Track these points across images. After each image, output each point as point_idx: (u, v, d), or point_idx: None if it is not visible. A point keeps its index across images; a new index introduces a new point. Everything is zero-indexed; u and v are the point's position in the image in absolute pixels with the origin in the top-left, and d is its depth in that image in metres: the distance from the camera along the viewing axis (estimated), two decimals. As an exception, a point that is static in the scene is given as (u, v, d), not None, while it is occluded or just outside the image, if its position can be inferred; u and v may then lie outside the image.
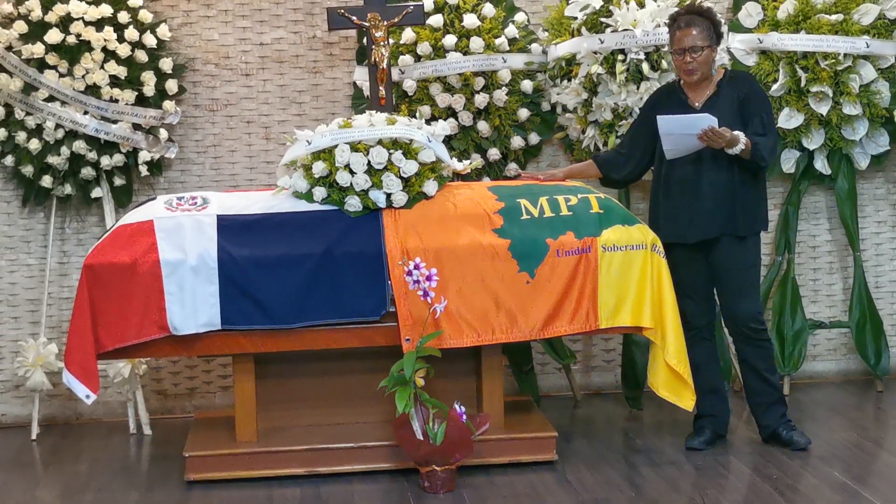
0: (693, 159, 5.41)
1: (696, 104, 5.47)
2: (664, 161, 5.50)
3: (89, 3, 6.19)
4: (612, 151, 5.85)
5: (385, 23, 6.06)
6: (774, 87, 6.32)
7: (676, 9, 6.09)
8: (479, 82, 6.37)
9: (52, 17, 6.14)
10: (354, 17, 6.08)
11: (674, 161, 5.43)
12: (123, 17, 6.21)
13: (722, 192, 5.43)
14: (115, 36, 6.18)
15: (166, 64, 6.31)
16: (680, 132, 5.31)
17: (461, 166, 5.76)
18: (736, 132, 5.28)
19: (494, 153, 6.47)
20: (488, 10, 6.41)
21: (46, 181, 6.27)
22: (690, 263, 5.54)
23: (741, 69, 6.34)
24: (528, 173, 6.09)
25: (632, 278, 5.36)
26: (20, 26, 6.16)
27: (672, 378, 5.41)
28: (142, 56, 6.25)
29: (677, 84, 5.60)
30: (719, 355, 5.88)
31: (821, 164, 6.52)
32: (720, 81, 5.50)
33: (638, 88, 6.14)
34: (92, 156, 6.24)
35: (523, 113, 6.47)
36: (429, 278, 5.12)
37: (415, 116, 6.19)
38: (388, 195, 5.39)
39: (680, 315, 5.52)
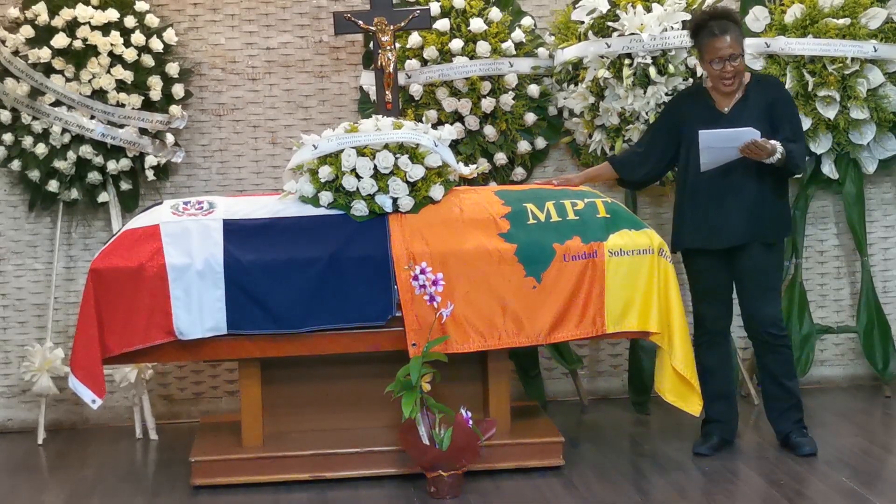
0: (721, 167, 5.36)
1: (725, 109, 5.43)
2: (689, 167, 5.45)
3: (96, 8, 6.20)
4: (628, 151, 5.81)
5: (391, 27, 6.05)
6: (782, 91, 6.31)
7: (685, 13, 6.09)
8: (486, 86, 6.37)
9: (58, 21, 6.15)
10: (361, 22, 6.08)
11: (699, 167, 5.38)
12: (130, 21, 6.22)
13: (750, 199, 5.38)
14: (121, 40, 6.19)
15: (173, 68, 6.32)
16: (721, 146, 5.26)
17: (468, 171, 5.75)
18: (773, 142, 5.24)
19: (501, 157, 6.46)
20: (495, 14, 6.40)
21: (53, 186, 6.28)
22: (712, 270, 5.51)
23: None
24: (544, 180, 6.04)
25: (639, 283, 5.35)
26: (27, 31, 6.17)
27: (679, 383, 5.40)
28: (148, 60, 6.25)
29: (702, 87, 5.55)
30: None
31: (828, 169, 6.50)
32: (748, 85, 5.45)
33: (645, 93, 6.13)
34: (98, 160, 6.25)
35: (530, 117, 6.47)
36: (435, 283, 5.11)
37: (421, 121, 6.18)
38: (395, 200, 5.38)
39: (696, 318, 5.53)
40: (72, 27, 6.16)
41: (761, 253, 5.45)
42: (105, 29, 6.18)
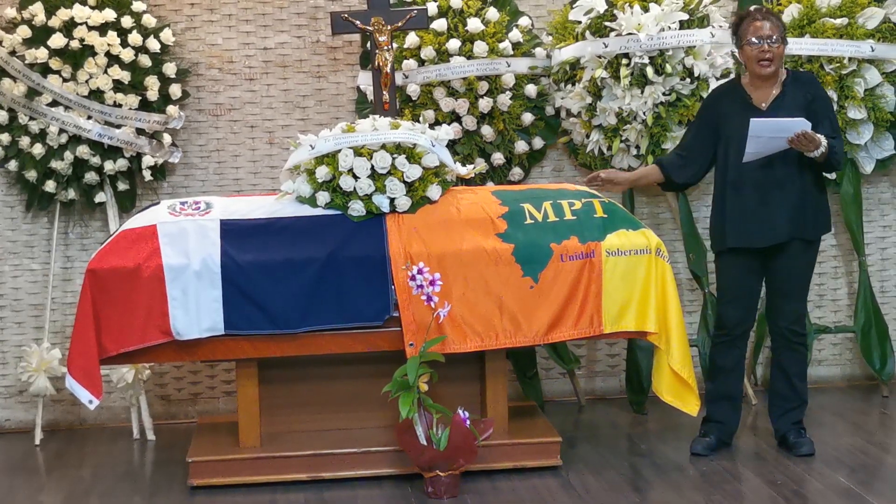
0: (763, 163, 5.34)
1: (763, 105, 5.40)
2: (729, 165, 5.42)
3: (93, 8, 6.19)
4: (672, 154, 5.71)
5: (389, 27, 6.05)
6: (779, 91, 6.31)
7: (682, 13, 6.10)
8: (483, 86, 6.37)
9: (55, 21, 6.14)
10: (358, 22, 6.08)
11: (743, 164, 5.35)
12: (127, 21, 6.21)
13: (794, 196, 5.36)
14: (118, 40, 6.18)
15: (170, 68, 6.31)
16: (770, 135, 5.22)
17: (465, 171, 5.75)
18: (818, 135, 5.23)
19: (498, 157, 6.46)
20: (492, 14, 6.40)
21: (50, 186, 6.27)
22: (745, 269, 5.48)
23: (735, 73, 6.34)
24: (596, 173, 5.76)
25: (636, 283, 5.35)
26: (24, 31, 6.16)
27: (676, 383, 5.40)
28: (145, 61, 6.25)
29: (739, 83, 5.53)
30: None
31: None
32: (785, 81, 5.43)
33: (642, 93, 6.13)
34: (95, 161, 6.24)
35: (527, 117, 6.46)
36: (432, 283, 5.10)
37: (418, 121, 6.17)
38: (392, 200, 5.38)
39: (717, 318, 5.56)
40: (69, 27, 6.16)
41: (801, 251, 5.43)
42: (102, 29, 6.18)
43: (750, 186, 5.39)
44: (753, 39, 5.34)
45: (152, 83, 6.26)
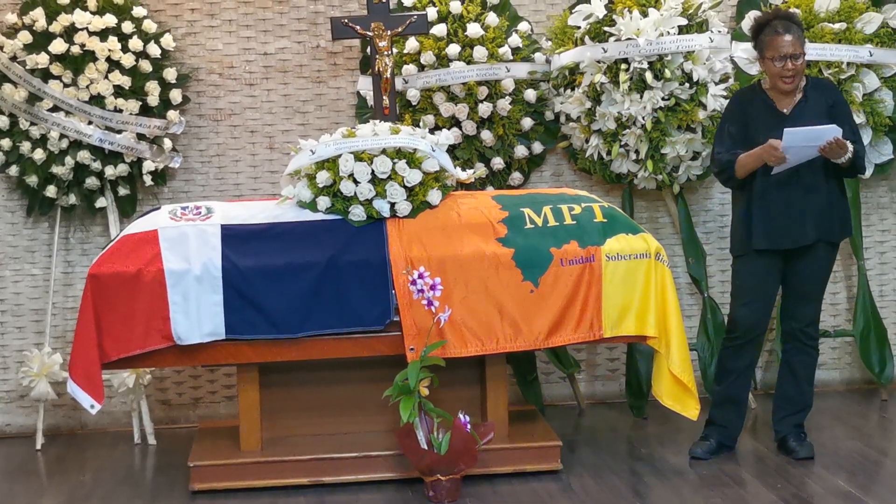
0: (791, 168, 5.34)
1: (785, 110, 5.40)
2: (756, 169, 5.39)
3: (93, 14, 6.20)
4: (730, 153, 5.53)
5: (388, 32, 6.06)
6: (778, 95, 6.32)
7: (681, 18, 6.10)
8: (483, 91, 6.38)
9: (56, 27, 6.15)
10: (358, 27, 6.08)
11: (769, 171, 5.34)
12: (128, 27, 6.22)
13: (822, 199, 5.37)
14: (119, 46, 6.19)
15: (170, 74, 6.32)
16: (802, 144, 5.21)
17: (465, 175, 5.76)
18: (846, 141, 5.23)
19: (498, 162, 6.47)
20: (492, 19, 6.41)
21: (51, 191, 6.28)
22: (766, 271, 5.48)
23: (745, 78, 6.35)
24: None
25: (636, 287, 5.36)
26: (24, 36, 6.17)
27: (676, 387, 5.41)
28: (146, 66, 6.26)
29: (760, 87, 5.51)
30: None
31: (824, 173, 6.51)
32: (805, 87, 5.43)
33: (641, 97, 6.13)
34: (96, 166, 6.25)
35: (527, 122, 6.47)
36: (433, 287, 5.12)
37: (418, 126, 6.19)
38: (392, 204, 5.39)
39: (730, 321, 5.56)
40: (69, 33, 6.17)
41: (824, 253, 5.45)
42: (103, 34, 6.19)
43: (777, 191, 5.38)
44: (777, 59, 5.31)
45: (153, 88, 6.26)
